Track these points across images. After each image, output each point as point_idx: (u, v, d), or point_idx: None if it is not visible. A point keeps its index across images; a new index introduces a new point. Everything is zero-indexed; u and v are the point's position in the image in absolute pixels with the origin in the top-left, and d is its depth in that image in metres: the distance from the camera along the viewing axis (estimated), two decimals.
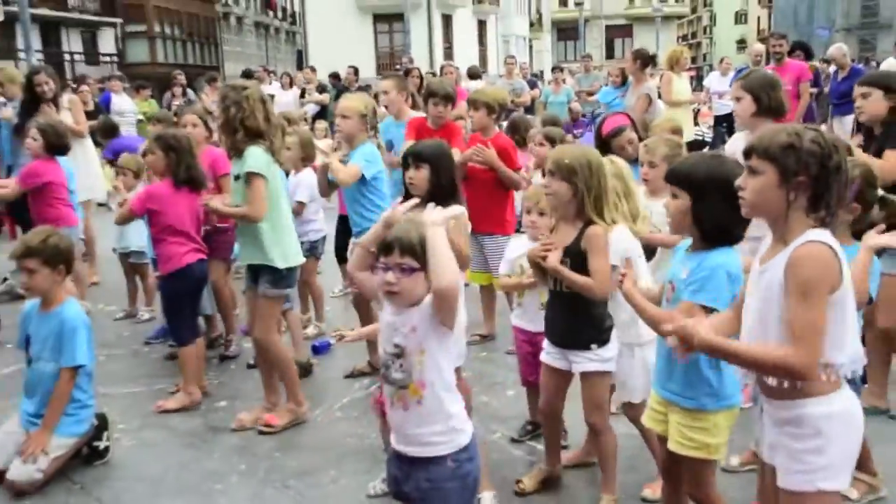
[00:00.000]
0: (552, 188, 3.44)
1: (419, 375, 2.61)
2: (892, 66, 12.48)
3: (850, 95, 5.40)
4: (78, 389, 4.18)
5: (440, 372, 2.63)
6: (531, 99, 15.01)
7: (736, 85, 4.48)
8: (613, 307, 3.54)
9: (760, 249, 2.46)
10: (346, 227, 6.48)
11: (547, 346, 3.67)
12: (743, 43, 61.45)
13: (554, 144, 5.61)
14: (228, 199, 4.76)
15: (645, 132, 5.65)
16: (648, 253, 3.96)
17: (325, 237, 6.33)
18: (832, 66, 11.58)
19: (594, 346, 3.48)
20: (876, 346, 4.37)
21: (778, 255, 2.31)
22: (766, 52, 11.08)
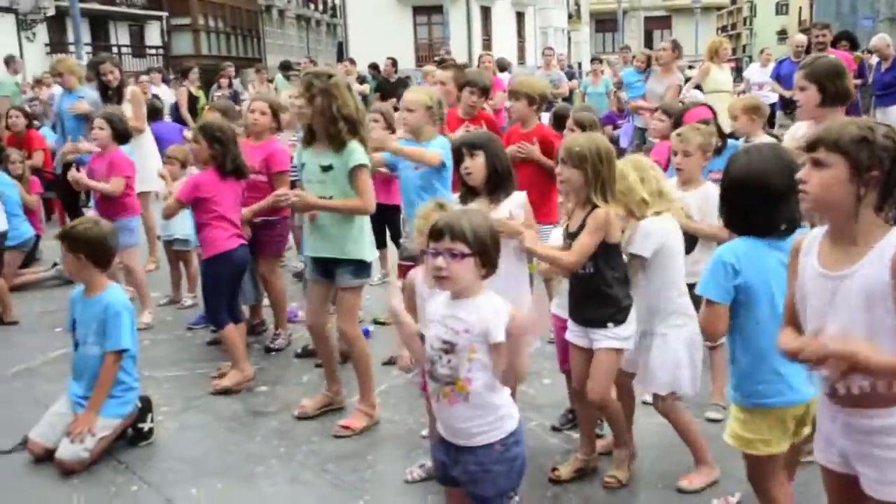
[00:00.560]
0: (564, 175, 3.52)
1: (466, 373, 2.63)
2: None
3: (893, 86, 5.33)
4: (123, 372, 4.29)
5: (487, 371, 2.64)
6: (569, 90, 14.95)
7: (799, 74, 4.30)
8: (637, 295, 3.62)
9: (806, 259, 2.34)
10: (380, 216, 6.57)
11: (570, 324, 3.74)
12: (784, 34, 60.42)
13: (584, 130, 5.60)
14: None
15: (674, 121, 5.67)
16: (690, 242, 3.96)
17: None
18: (875, 56, 11.37)
19: (611, 324, 3.55)
20: None
21: (863, 258, 2.18)
22: (808, 42, 10.92)
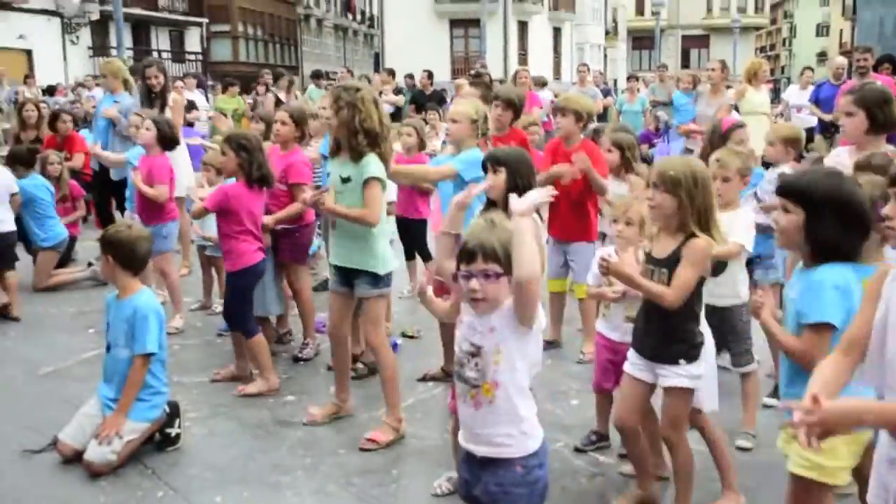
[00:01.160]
0: (656, 200, 3.36)
1: (493, 375, 2.64)
2: None
3: None
4: (151, 376, 4.33)
5: (514, 373, 2.65)
6: (604, 107, 14.91)
7: (847, 100, 4.27)
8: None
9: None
10: (406, 228, 6.61)
11: (632, 355, 3.59)
12: (824, 56, 59.89)
13: (623, 151, 5.59)
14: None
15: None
16: (722, 264, 3.92)
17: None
18: None
19: (682, 361, 3.40)
20: None
21: None
22: (848, 65, 10.81)
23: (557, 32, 40.64)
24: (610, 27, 52.79)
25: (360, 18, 53.50)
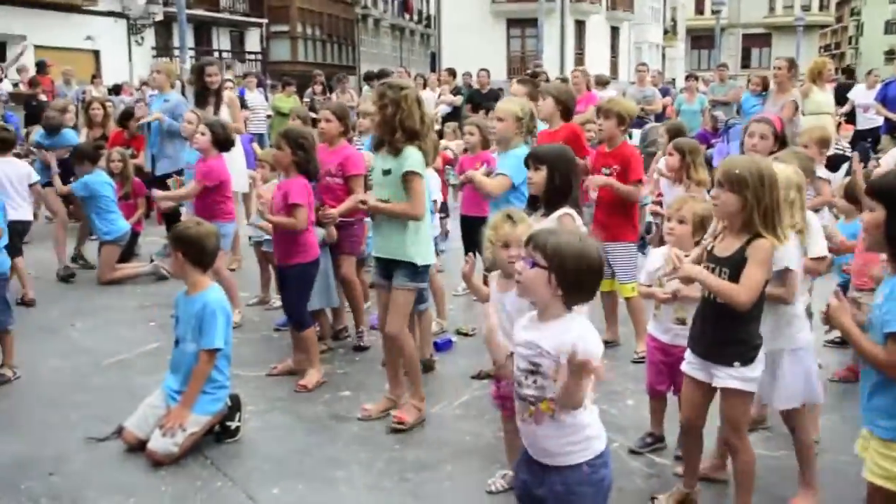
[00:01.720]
0: (721, 199, 3.30)
1: (552, 393, 2.62)
2: None
3: None
4: (216, 370, 4.41)
5: None
6: (663, 107, 14.72)
7: None
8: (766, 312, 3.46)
9: None
10: (469, 226, 6.61)
11: (689, 355, 3.55)
12: (892, 54, 58.30)
13: (684, 155, 5.52)
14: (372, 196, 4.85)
15: (790, 141, 5.54)
16: None
17: (437, 235, 6.48)
18: None
19: (737, 363, 3.33)
20: None
21: None
22: None
23: (615, 32, 40.25)
24: (668, 26, 52.09)
25: (416, 18, 53.72)
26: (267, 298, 7.16)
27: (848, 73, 23.76)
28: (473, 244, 6.72)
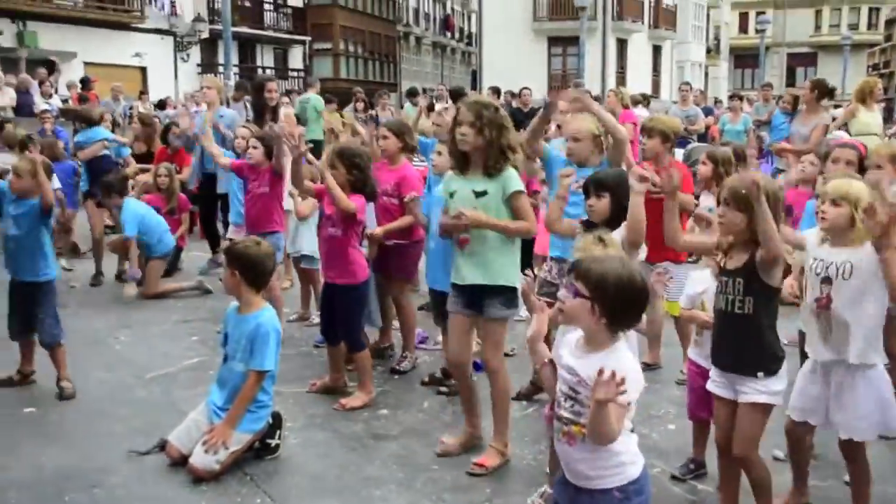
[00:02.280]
0: (727, 217, 3.40)
1: (585, 419, 2.61)
2: None
3: None
4: (261, 391, 4.43)
5: None
6: (706, 126, 14.59)
7: None
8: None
9: None
10: (525, 246, 6.57)
11: (713, 372, 3.55)
12: None
13: (717, 164, 5.46)
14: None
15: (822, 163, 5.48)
16: None
17: None
18: None
19: (760, 374, 3.34)
20: None
21: None
22: None
23: (657, 50, 40.04)
24: (712, 45, 51.73)
25: (458, 36, 53.98)
26: (306, 315, 7.20)
27: None
28: (525, 262, 6.73)
